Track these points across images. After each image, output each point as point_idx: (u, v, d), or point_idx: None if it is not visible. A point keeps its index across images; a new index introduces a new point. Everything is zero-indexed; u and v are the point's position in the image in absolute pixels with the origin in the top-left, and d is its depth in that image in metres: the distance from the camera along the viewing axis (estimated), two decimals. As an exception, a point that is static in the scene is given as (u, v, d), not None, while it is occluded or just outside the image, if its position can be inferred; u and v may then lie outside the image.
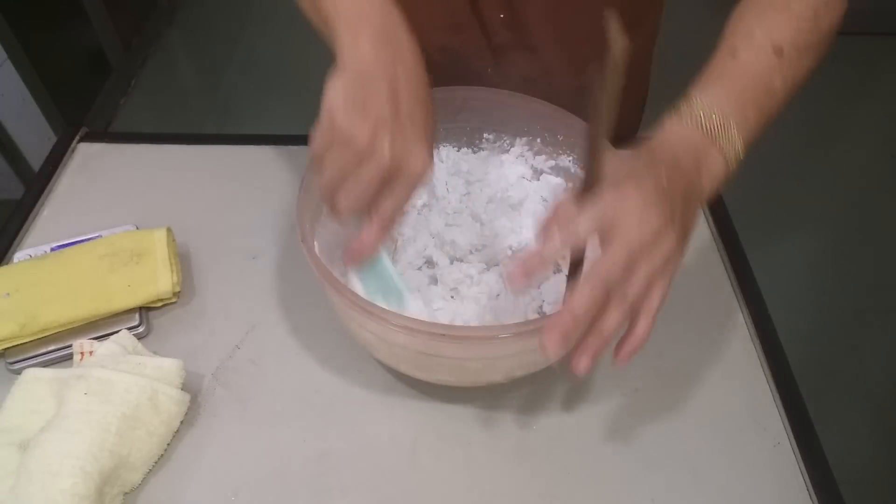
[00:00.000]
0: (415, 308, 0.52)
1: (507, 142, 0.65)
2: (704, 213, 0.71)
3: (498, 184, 0.64)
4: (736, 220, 0.69)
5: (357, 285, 0.51)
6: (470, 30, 0.67)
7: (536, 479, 0.52)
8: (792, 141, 2.10)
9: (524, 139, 0.64)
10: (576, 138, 0.60)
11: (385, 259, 0.50)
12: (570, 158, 0.63)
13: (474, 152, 0.67)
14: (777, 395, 0.56)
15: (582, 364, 0.41)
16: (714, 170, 0.44)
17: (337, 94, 0.41)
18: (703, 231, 0.69)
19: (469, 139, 0.66)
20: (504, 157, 0.66)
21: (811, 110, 2.20)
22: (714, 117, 0.44)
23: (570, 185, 0.63)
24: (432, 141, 0.44)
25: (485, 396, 0.56)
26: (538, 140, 0.64)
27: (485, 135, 0.66)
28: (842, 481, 0.50)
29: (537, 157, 0.65)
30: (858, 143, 2.10)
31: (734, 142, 0.44)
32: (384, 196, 0.43)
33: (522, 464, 0.52)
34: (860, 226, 1.85)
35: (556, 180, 0.64)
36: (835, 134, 2.13)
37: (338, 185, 0.42)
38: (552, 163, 0.64)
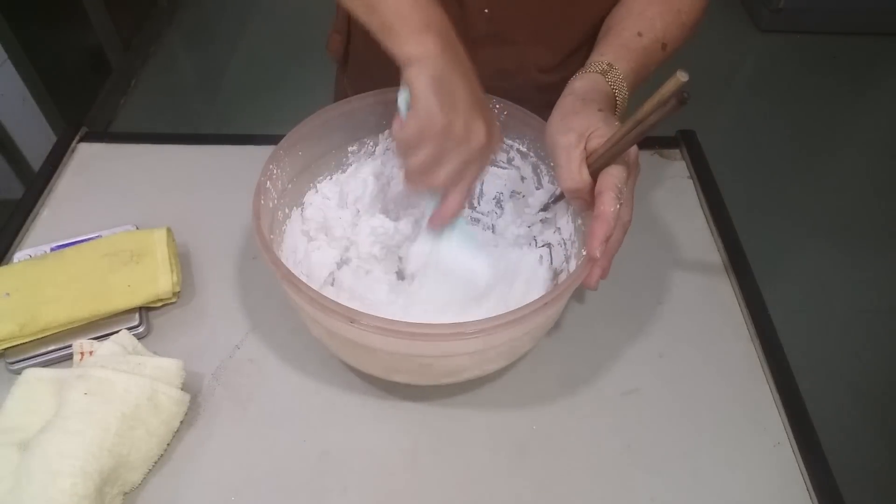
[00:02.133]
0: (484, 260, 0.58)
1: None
2: (704, 213, 0.71)
3: None
4: (736, 220, 0.69)
5: (440, 246, 0.57)
6: (451, 21, 0.68)
7: (536, 479, 0.52)
8: (792, 141, 2.10)
9: None
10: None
11: (464, 222, 0.58)
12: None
13: None
14: (777, 395, 0.56)
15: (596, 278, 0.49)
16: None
17: (427, 92, 0.46)
18: (703, 231, 0.70)
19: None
20: None
21: (811, 110, 2.20)
22: (620, 84, 0.55)
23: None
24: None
25: (485, 396, 0.56)
26: None
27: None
28: (842, 481, 0.50)
29: None
30: (858, 143, 2.10)
31: (621, 107, 0.55)
32: (467, 169, 0.50)
33: (522, 464, 0.52)
34: (860, 226, 1.85)
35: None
36: (835, 134, 2.13)
37: (430, 168, 0.49)
38: None
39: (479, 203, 0.67)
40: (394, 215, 0.61)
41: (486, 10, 0.66)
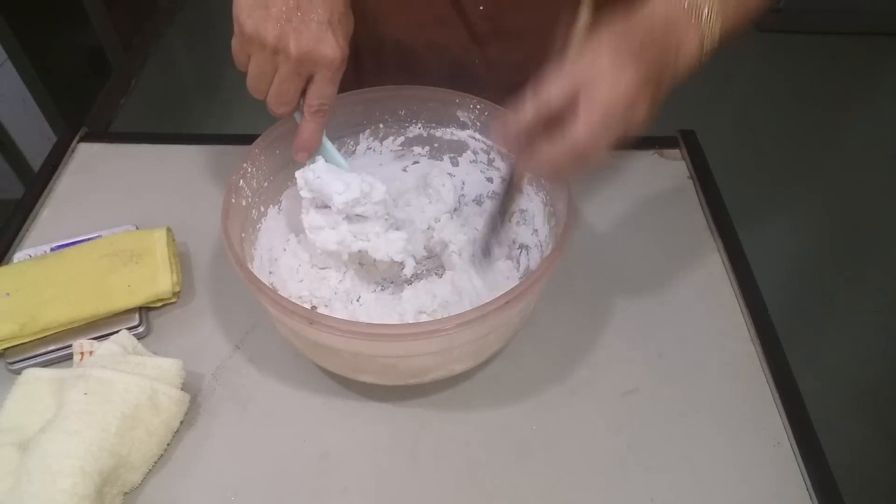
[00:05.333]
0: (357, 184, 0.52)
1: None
2: (704, 213, 0.71)
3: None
4: (736, 220, 0.69)
5: (308, 173, 0.53)
6: (452, 23, 0.68)
7: (536, 479, 0.52)
8: (792, 141, 2.10)
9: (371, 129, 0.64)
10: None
11: (329, 146, 0.53)
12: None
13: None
14: (777, 395, 0.56)
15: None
16: (688, 50, 0.43)
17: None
18: (702, 231, 0.70)
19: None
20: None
21: (811, 110, 2.20)
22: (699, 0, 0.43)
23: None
24: (343, 28, 0.45)
25: (484, 397, 0.56)
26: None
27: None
28: (842, 481, 0.50)
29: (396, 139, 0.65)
30: (858, 143, 2.10)
31: (713, 28, 0.43)
32: (308, 90, 0.45)
33: (522, 464, 0.52)
34: (861, 226, 1.85)
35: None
36: (835, 134, 2.13)
37: (263, 87, 0.45)
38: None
39: (459, 204, 0.66)
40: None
41: (482, 7, 0.66)
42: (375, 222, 0.54)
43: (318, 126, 0.49)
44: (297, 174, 0.54)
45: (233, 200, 0.53)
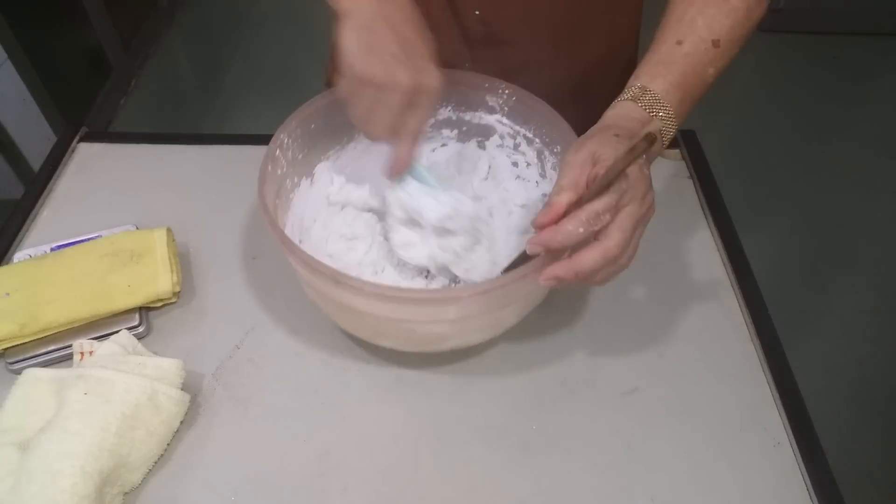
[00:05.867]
0: (451, 199, 0.56)
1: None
2: (704, 213, 0.71)
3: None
4: (736, 220, 0.69)
5: (400, 193, 0.56)
6: (447, 27, 0.68)
7: (536, 478, 0.52)
8: (792, 141, 2.10)
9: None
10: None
11: (421, 168, 0.56)
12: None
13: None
14: (777, 395, 0.56)
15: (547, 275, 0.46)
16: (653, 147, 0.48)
17: (351, 44, 0.47)
18: (703, 231, 0.70)
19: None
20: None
21: (811, 110, 2.20)
22: (657, 104, 0.51)
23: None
24: (435, 56, 0.50)
25: (484, 396, 0.56)
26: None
27: None
28: (842, 481, 0.50)
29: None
30: (858, 142, 2.10)
31: (669, 126, 0.51)
32: (408, 116, 0.50)
33: (522, 464, 0.52)
34: (860, 226, 1.85)
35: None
36: (835, 134, 2.13)
37: (368, 118, 0.49)
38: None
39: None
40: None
41: (478, 12, 0.66)
42: (463, 237, 0.57)
43: (413, 148, 0.52)
44: (389, 194, 0.57)
45: (269, 168, 0.55)
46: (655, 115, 0.51)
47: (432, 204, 0.55)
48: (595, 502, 0.50)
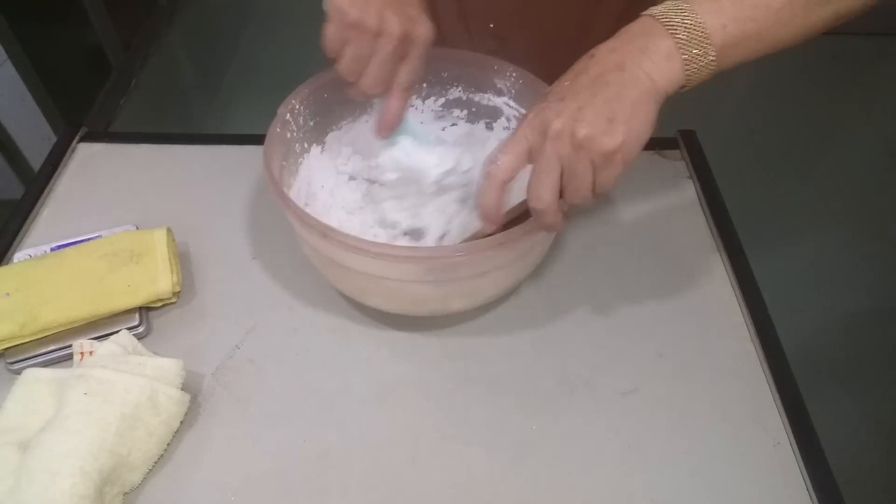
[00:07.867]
0: (438, 154, 0.55)
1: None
2: (704, 213, 0.71)
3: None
4: (736, 220, 0.69)
5: (396, 152, 0.56)
6: (458, 39, 0.69)
7: (536, 478, 0.52)
8: (792, 141, 2.10)
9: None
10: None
11: (411, 120, 0.55)
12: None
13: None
14: (777, 395, 0.56)
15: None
16: (661, 49, 0.41)
17: None
18: (703, 231, 0.69)
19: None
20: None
21: (811, 110, 2.20)
22: (668, 3, 0.41)
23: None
24: (428, 10, 0.50)
25: (484, 396, 0.56)
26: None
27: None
28: (842, 481, 0.50)
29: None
30: (858, 143, 2.10)
31: (692, 23, 0.40)
32: (399, 68, 0.49)
33: (522, 463, 0.52)
34: (860, 226, 1.85)
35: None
36: (835, 134, 2.13)
37: (359, 69, 0.48)
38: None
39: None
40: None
41: (492, 25, 0.66)
42: (460, 191, 0.56)
43: (404, 103, 0.52)
44: (384, 155, 0.57)
45: (277, 130, 0.57)
46: (680, 33, 0.40)
47: (433, 160, 0.54)
48: (594, 502, 0.50)
